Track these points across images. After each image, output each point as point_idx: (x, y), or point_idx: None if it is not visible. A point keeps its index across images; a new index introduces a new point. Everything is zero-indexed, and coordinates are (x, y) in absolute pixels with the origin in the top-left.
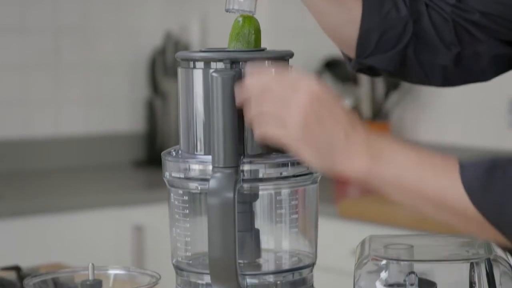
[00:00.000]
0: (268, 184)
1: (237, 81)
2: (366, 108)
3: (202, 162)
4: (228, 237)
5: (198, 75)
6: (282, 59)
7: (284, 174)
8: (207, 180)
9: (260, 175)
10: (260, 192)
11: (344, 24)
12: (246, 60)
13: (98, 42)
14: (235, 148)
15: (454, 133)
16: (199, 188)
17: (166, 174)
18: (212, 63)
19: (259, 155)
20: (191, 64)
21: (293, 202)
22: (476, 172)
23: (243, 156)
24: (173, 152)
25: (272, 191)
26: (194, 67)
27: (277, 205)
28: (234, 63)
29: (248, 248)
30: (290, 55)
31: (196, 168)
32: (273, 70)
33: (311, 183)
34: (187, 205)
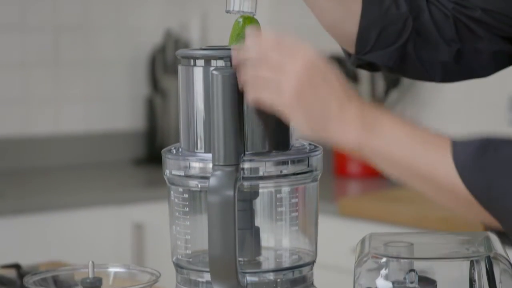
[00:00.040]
0: (268, 182)
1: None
2: None
3: (202, 160)
4: (228, 235)
5: (199, 73)
6: None
7: (284, 172)
8: (207, 178)
9: (260, 173)
10: (260, 190)
11: (344, 20)
12: None
13: (98, 40)
14: (235, 146)
15: (454, 131)
16: (199, 186)
17: (166, 172)
18: (213, 61)
19: (260, 153)
20: (192, 62)
21: (293, 200)
22: (468, 150)
23: (243, 154)
24: (173, 150)
25: (272, 189)
26: (195, 65)
27: (277, 203)
28: None
29: (248, 246)
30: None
31: (196, 166)
32: (274, 35)
33: (311, 181)
34: (187, 203)
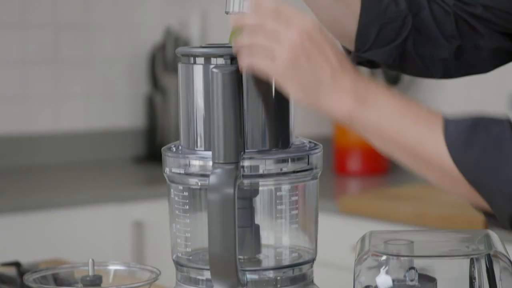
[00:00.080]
0: (268, 180)
1: (237, 77)
2: None
3: (202, 158)
4: (228, 233)
5: (199, 71)
6: None
7: (284, 170)
8: (207, 176)
9: (260, 171)
10: (260, 188)
11: (343, 18)
12: None
13: (98, 38)
14: (235, 144)
15: None
16: (199, 184)
17: (166, 170)
18: (213, 59)
19: (260, 151)
20: (192, 60)
21: (293, 198)
22: (459, 128)
23: (243, 152)
24: (173, 148)
25: (272, 187)
26: (195, 63)
27: (277, 201)
28: (235, 59)
29: (248, 244)
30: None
31: (196, 164)
32: (273, 3)
33: (311, 179)
34: (187, 201)
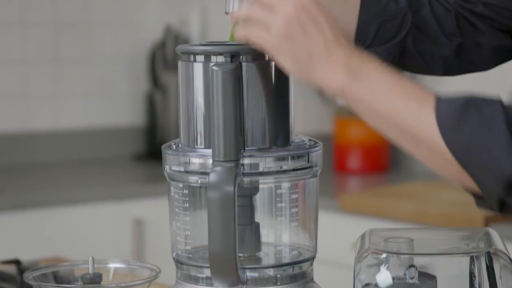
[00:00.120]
0: (268, 178)
1: (237, 75)
2: None
3: (202, 156)
4: (228, 231)
5: (198, 69)
6: None
7: (284, 168)
8: (207, 174)
9: (260, 169)
10: (260, 186)
11: (343, 16)
12: (247, 54)
13: (98, 36)
14: (235, 142)
15: None
16: (199, 182)
17: (166, 168)
18: (213, 57)
19: (260, 149)
20: (191, 58)
21: (293, 196)
22: (451, 107)
23: (243, 150)
24: (173, 146)
25: (272, 185)
26: (195, 61)
27: (277, 199)
28: (235, 57)
29: (248, 242)
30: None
31: (196, 162)
32: None
33: (311, 177)
34: (187, 199)
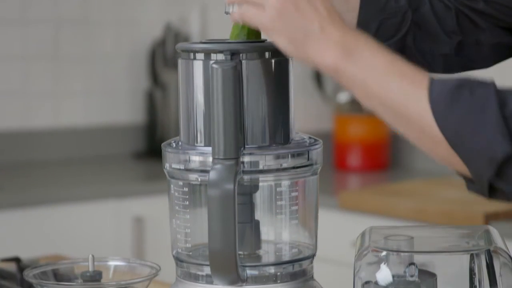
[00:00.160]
0: (268, 176)
1: (237, 72)
2: None
3: (202, 154)
4: (228, 229)
5: (198, 67)
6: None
7: (284, 166)
8: (207, 172)
9: (260, 167)
10: (260, 184)
11: (342, 14)
12: (247, 52)
13: (98, 34)
14: (235, 140)
15: None
16: (199, 180)
17: (166, 166)
18: (212, 55)
19: (260, 147)
20: (191, 56)
21: (293, 194)
22: (444, 88)
23: (243, 148)
24: (173, 144)
25: (272, 183)
26: (195, 59)
27: (277, 197)
28: (234, 55)
29: (248, 240)
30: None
31: (196, 160)
32: None
33: (311, 175)
34: (187, 197)
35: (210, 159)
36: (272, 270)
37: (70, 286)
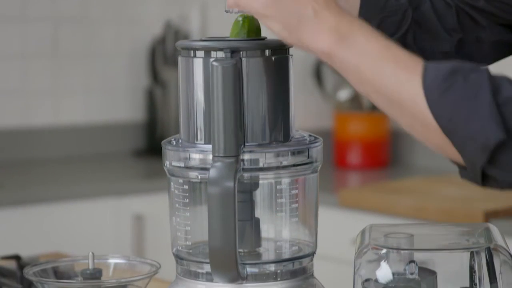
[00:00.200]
0: (268, 173)
1: (237, 70)
2: (366, 99)
3: (202, 151)
4: (228, 226)
5: (198, 64)
6: (283, 48)
7: (284, 163)
8: (207, 169)
9: (260, 164)
10: (260, 181)
11: None
12: (247, 49)
13: (98, 32)
14: (236, 137)
15: None
16: (199, 177)
17: (166, 163)
18: (213, 52)
19: (260, 144)
20: (191, 53)
21: (293, 191)
22: (438, 73)
23: (243, 145)
24: (173, 141)
25: (272, 180)
26: (195, 56)
27: (277, 194)
28: (235, 52)
29: (248, 237)
30: (290, 45)
31: (196, 157)
32: None
33: (311, 172)
34: (187, 194)
35: (210, 157)
36: (272, 268)
37: (70, 284)
